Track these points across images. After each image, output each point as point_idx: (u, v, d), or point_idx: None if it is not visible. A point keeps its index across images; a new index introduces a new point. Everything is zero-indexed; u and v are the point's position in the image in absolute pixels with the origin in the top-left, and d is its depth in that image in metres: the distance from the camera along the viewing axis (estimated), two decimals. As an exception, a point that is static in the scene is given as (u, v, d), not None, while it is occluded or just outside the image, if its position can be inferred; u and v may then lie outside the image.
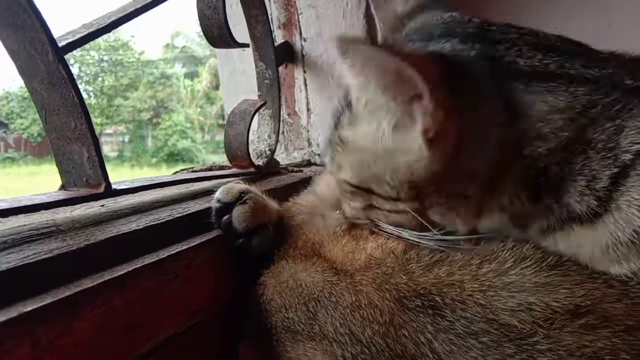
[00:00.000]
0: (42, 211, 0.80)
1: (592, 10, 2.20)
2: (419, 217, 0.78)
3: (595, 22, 2.12)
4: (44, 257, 0.62)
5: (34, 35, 0.76)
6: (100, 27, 0.89)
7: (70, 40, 0.84)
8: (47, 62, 0.78)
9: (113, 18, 0.93)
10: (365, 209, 0.86)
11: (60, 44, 0.80)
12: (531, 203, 0.73)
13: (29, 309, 0.53)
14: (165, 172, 1.51)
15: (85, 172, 0.85)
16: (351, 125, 0.78)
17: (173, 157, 18.71)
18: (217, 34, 1.25)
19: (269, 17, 1.56)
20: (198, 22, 1.27)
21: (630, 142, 0.66)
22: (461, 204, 0.76)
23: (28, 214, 0.78)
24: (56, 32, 0.82)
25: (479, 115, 0.70)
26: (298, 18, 1.70)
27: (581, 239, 0.72)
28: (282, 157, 1.78)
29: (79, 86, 0.81)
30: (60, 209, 0.83)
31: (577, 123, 0.68)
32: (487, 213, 0.76)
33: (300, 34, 1.71)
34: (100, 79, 21.13)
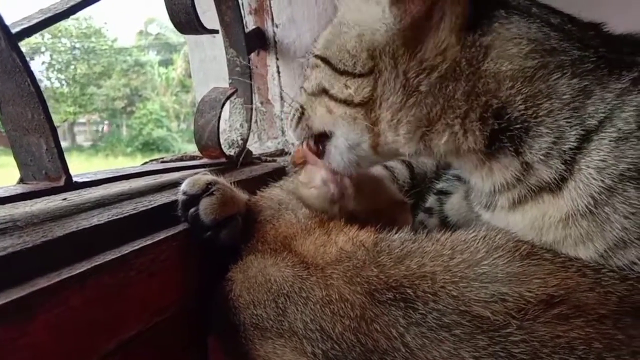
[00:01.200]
0: (0, 206, 0.77)
1: None
2: (362, 110, 0.80)
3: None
4: (-3, 254, 0.59)
5: (-18, 21, 0.72)
6: (57, 12, 0.85)
7: (25, 26, 0.80)
8: (-1, 49, 0.74)
9: (71, 3, 0.89)
10: (313, 94, 0.86)
11: (14, 30, 0.76)
12: (484, 140, 0.74)
13: (-24, 312, 0.50)
14: (140, 162, 1.47)
15: (45, 165, 0.82)
16: None
17: (148, 146, 18.47)
18: (185, 19, 1.21)
19: (240, 2, 1.53)
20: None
21: (596, 110, 0.69)
22: (414, 104, 0.76)
23: (-16, 210, 0.75)
24: (12, 18, 0.78)
25: (450, 5, 0.73)
26: (270, 3, 1.67)
27: (548, 207, 0.74)
28: (255, 147, 1.75)
29: (51, 74, 0.78)
30: (19, 203, 0.80)
31: (544, 59, 0.70)
32: (437, 132, 0.77)
33: (272, 19, 1.68)
34: (72, 67, 20.69)
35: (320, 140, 0.88)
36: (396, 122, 0.78)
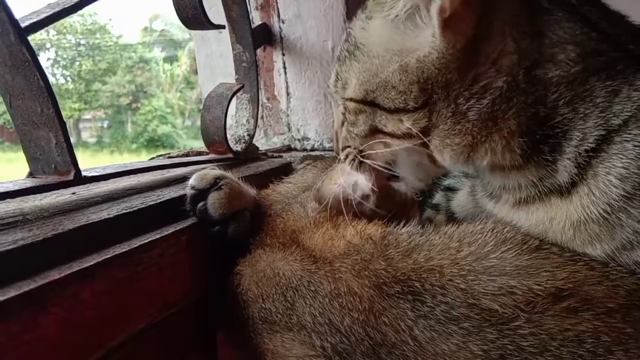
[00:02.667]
0: (10, 200, 0.77)
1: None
2: (419, 137, 0.76)
3: None
4: (7, 248, 0.59)
5: (-7, 15, 0.72)
6: (65, 7, 0.86)
7: (34, 20, 0.80)
8: (8, 43, 0.75)
9: (80, -2, 0.89)
10: (366, 136, 0.82)
11: (23, 25, 0.77)
12: (524, 155, 0.72)
13: (-11, 304, 0.50)
14: (145, 158, 1.49)
15: (54, 159, 0.82)
16: (365, 22, 0.77)
17: (153, 142, 18.51)
18: (192, 14, 1.21)
19: (246, -3, 1.53)
20: (173, 3, 1.23)
21: (622, 109, 0.66)
22: (460, 132, 0.72)
23: (-6, 203, 0.76)
24: (21, 13, 0.78)
25: (500, 13, 0.68)
26: (276, -1, 1.67)
27: (556, 211, 0.72)
28: (261, 143, 1.76)
29: (56, 70, 0.78)
30: (29, 197, 0.81)
31: (587, 62, 0.68)
32: (481, 155, 0.74)
33: (279, 15, 1.68)
34: (77, 63, 20.74)
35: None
36: (442, 148, 0.75)
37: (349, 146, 0.88)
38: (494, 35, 0.68)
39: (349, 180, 0.91)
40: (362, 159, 0.86)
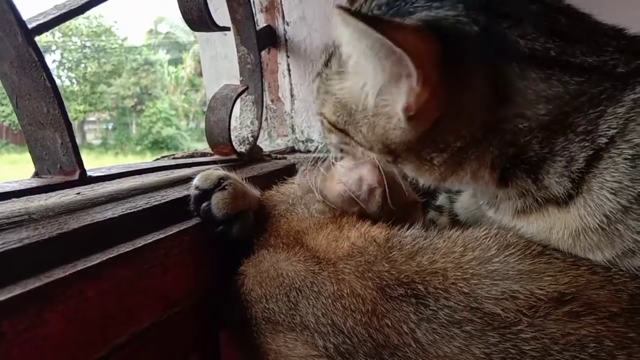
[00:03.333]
0: (15, 199, 0.78)
1: None
2: (391, 165, 0.81)
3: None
4: (13, 246, 0.60)
5: (1, 16, 0.73)
6: (72, 8, 0.86)
7: (41, 21, 0.81)
8: (16, 44, 0.75)
9: (86, -1, 0.90)
10: (339, 145, 0.87)
11: (30, 26, 0.77)
12: (496, 180, 0.74)
13: (-5, 301, 0.51)
14: (150, 160, 1.50)
15: (59, 159, 0.83)
16: (338, 75, 0.78)
17: (157, 144, 18.57)
18: (197, 16, 1.22)
19: (251, 0, 1.53)
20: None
21: (608, 127, 0.66)
22: (428, 170, 0.77)
23: (0, 203, 0.76)
24: (28, 14, 0.79)
25: (466, 96, 0.69)
26: (281, 1, 1.67)
27: (554, 221, 0.73)
28: (265, 144, 1.76)
29: (61, 72, 0.79)
30: (34, 197, 0.81)
31: (561, 110, 0.68)
32: (451, 181, 0.78)
33: (283, 17, 1.69)
34: (82, 65, 20.83)
35: None
36: (414, 174, 0.81)
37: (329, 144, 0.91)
38: (457, 117, 0.70)
39: (353, 176, 0.91)
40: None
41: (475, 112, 0.69)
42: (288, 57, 1.73)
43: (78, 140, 0.83)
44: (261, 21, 1.71)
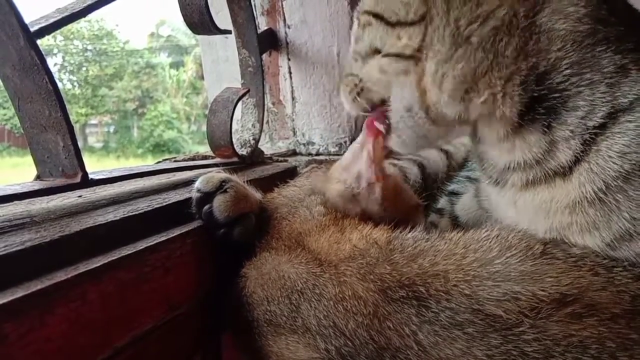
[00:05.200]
0: (17, 202, 0.78)
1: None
2: (412, 69, 0.76)
3: None
4: (15, 249, 0.60)
5: (3, 19, 0.73)
6: (74, 11, 0.87)
7: (43, 25, 0.81)
8: (18, 47, 0.76)
9: (88, 2, 0.90)
10: (366, 57, 0.83)
11: (32, 29, 0.78)
12: (520, 108, 0.72)
13: (-3, 303, 0.51)
14: (151, 163, 1.50)
15: (61, 162, 0.83)
16: None
17: (159, 147, 18.58)
18: (198, 19, 1.22)
19: (252, 3, 1.54)
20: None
21: (629, 89, 0.67)
22: (462, 57, 0.72)
23: (2, 205, 0.76)
24: (30, 17, 0.79)
25: None
26: (282, 4, 1.67)
27: (557, 191, 0.73)
28: (266, 147, 1.76)
29: (63, 76, 0.79)
30: (36, 199, 0.81)
31: (595, 26, 0.68)
32: (479, 91, 0.73)
33: (284, 20, 1.69)
34: (84, 68, 20.86)
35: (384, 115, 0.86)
36: (441, 75, 0.74)
37: (350, 74, 0.88)
38: None
39: (351, 172, 0.91)
40: (360, 89, 0.86)
41: None
42: (289, 60, 1.73)
43: (80, 143, 0.83)
44: (262, 24, 1.71)
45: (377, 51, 0.80)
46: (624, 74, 0.67)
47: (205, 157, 1.40)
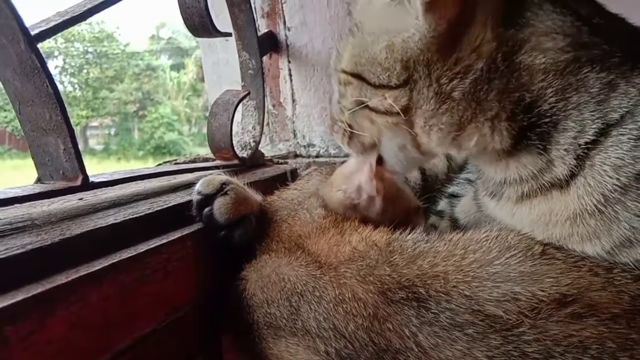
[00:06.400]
0: (18, 205, 0.78)
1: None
2: (400, 121, 0.78)
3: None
4: (16, 252, 0.60)
5: (4, 22, 0.74)
6: (74, 15, 0.87)
7: (44, 28, 0.81)
8: (19, 50, 0.76)
9: (88, 6, 0.90)
10: (353, 110, 0.84)
11: (32, 32, 0.78)
12: (511, 140, 0.73)
13: (-1, 306, 0.51)
14: (152, 165, 1.50)
15: (62, 165, 0.83)
16: (365, 3, 0.79)
17: (160, 149, 18.58)
18: (198, 22, 1.22)
19: (252, 5, 1.54)
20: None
21: (619, 104, 0.67)
22: (447, 111, 0.74)
23: (3, 208, 0.76)
24: (30, 21, 0.79)
25: (482, 3, 0.70)
26: (282, 7, 1.68)
27: (555, 203, 0.73)
28: (267, 149, 1.76)
29: (64, 78, 0.79)
30: (37, 202, 0.81)
31: (579, 52, 0.69)
32: (468, 135, 0.75)
33: (285, 23, 1.69)
34: (85, 70, 20.87)
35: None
36: (428, 128, 0.76)
37: (340, 121, 0.89)
38: (475, 24, 0.70)
39: (352, 185, 0.92)
40: (351, 134, 0.87)
41: (490, 26, 0.70)
42: (289, 62, 1.73)
43: (80, 146, 0.83)
44: (262, 27, 1.71)
45: (363, 105, 0.81)
46: (612, 89, 0.68)
47: (205, 160, 1.40)
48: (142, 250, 0.73)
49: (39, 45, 0.79)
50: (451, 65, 0.71)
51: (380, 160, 0.87)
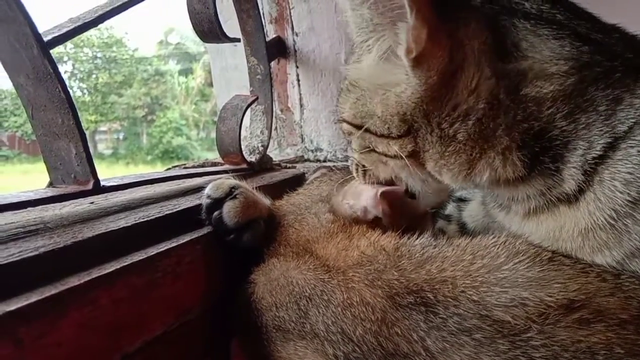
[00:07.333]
0: (31, 209, 0.79)
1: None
2: (411, 163, 0.78)
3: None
4: (29, 254, 0.61)
5: (17, 29, 0.75)
6: (86, 21, 0.88)
7: (56, 34, 0.83)
8: (32, 56, 0.77)
9: (100, 12, 0.91)
10: (364, 154, 0.85)
11: (45, 39, 0.79)
12: (524, 169, 0.72)
13: (12, 308, 0.52)
14: (160, 170, 1.52)
15: (74, 169, 0.84)
16: (357, 62, 0.80)
17: (168, 154, 18.66)
18: (208, 28, 1.23)
19: (261, 11, 1.55)
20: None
21: (626, 116, 0.67)
22: (454, 152, 0.74)
23: (16, 212, 0.77)
24: (43, 27, 0.80)
25: (470, 44, 0.69)
26: (290, 12, 1.69)
27: (565, 220, 0.73)
28: (275, 154, 1.77)
29: (73, 83, 0.80)
30: (49, 206, 0.82)
31: (582, 73, 0.68)
32: (479, 171, 0.75)
33: (292, 28, 1.70)
34: (94, 76, 21.02)
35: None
36: (439, 169, 0.77)
37: (354, 158, 0.91)
38: (468, 66, 0.69)
39: (360, 203, 0.92)
40: (364, 170, 0.89)
41: (485, 64, 0.69)
42: (297, 67, 1.74)
43: (89, 150, 0.84)
44: (271, 32, 1.73)
45: (372, 149, 0.83)
46: (617, 103, 0.67)
47: (214, 164, 1.41)
48: (152, 254, 0.73)
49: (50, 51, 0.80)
50: (450, 111, 0.71)
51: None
